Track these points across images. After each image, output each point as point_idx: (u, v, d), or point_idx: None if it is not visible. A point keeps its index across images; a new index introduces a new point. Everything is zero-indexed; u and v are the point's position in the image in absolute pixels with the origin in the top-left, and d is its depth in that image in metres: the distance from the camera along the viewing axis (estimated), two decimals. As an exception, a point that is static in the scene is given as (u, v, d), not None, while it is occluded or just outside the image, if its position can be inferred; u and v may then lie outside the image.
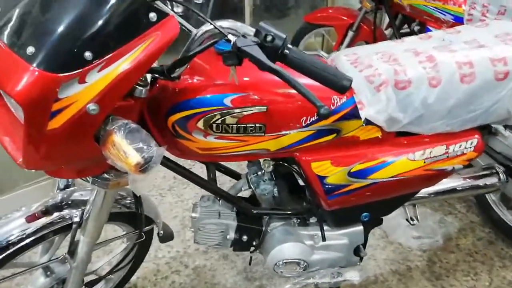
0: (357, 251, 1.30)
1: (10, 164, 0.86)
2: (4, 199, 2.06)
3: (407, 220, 1.58)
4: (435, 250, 1.89)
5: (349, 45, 2.51)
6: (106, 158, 0.79)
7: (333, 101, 1.00)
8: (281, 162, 1.15)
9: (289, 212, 1.23)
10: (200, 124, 0.95)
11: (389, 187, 1.12)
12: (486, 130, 1.14)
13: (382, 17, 2.83)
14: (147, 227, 1.36)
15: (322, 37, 3.16)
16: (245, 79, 0.97)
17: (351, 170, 1.08)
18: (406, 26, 2.48)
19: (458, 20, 1.88)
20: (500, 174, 1.62)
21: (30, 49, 0.70)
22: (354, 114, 1.02)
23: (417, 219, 1.57)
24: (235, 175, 1.32)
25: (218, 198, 1.25)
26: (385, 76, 1.00)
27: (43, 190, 2.09)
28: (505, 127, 1.11)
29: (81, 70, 0.71)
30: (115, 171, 0.98)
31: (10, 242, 1.07)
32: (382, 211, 1.26)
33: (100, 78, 0.73)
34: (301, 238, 1.24)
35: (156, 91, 0.94)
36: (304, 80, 0.80)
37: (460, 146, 1.10)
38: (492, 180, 1.61)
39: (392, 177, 1.10)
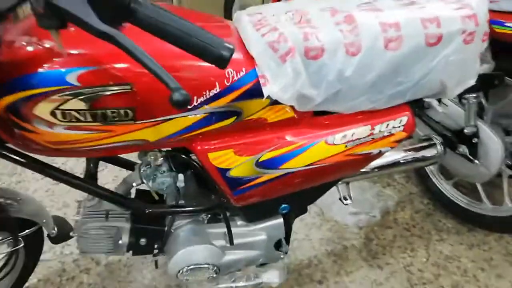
0: (278, 246, 1.13)
1: None
2: None
3: (340, 199, 1.43)
4: (372, 226, 1.79)
5: None
6: None
7: (227, 74, 0.78)
8: (176, 152, 0.93)
9: (193, 209, 1.02)
10: (39, 111, 0.70)
11: (307, 177, 0.94)
12: (417, 105, 0.97)
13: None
14: (27, 231, 1.12)
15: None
16: (98, 47, 0.71)
17: (259, 160, 0.88)
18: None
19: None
20: (438, 146, 1.49)
21: None
22: (257, 91, 0.81)
23: (350, 198, 1.43)
24: (129, 165, 1.09)
25: None
26: (292, 42, 0.78)
27: None
28: (439, 100, 0.94)
29: None
30: None
31: None
32: (303, 202, 1.09)
33: None
34: (210, 238, 1.05)
35: None
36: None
37: (387, 125, 0.92)
38: (430, 152, 1.49)
39: (309, 165, 0.91)
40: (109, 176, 1.92)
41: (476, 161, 1.49)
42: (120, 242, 1.03)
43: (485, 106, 1.51)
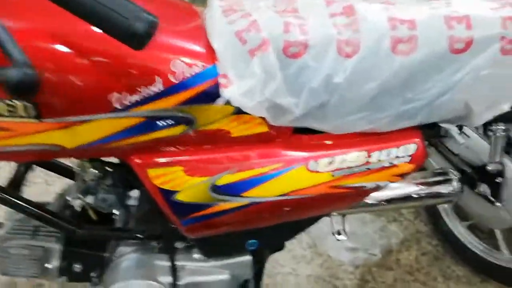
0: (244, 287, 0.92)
1: None
2: None
3: (333, 233, 1.22)
4: (370, 265, 1.57)
5: None
6: None
7: (176, 68, 0.58)
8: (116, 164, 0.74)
9: (141, 235, 0.83)
10: None
11: (280, 210, 0.74)
12: (431, 132, 0.75)
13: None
14: None
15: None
16: None
17: (216, 183, 0.68)
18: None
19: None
20: (454, 182, 1.27)
21: None
22: (216, 94, 0.61)
23: (345, 233, 1.22)
24: (68, 173, 0.90)
25: None
26: (266, 32, 0.58)
27: None
28: (460, 128, 0.72)
29: None
30: None
31: None
32: (277, 238, 0.88)
33: None
34: (155, 272, 0.84)
35: None
36: None
37: (389, 154, 0.71)
38: (445, 189, 1.26)
39: (282, 195, 0.71)
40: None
41: (498, 204, 1.28)
42: (48, 265, 0.84)
43: (515, 140, 1.29)
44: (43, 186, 1.67)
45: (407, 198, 1.19)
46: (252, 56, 0.59)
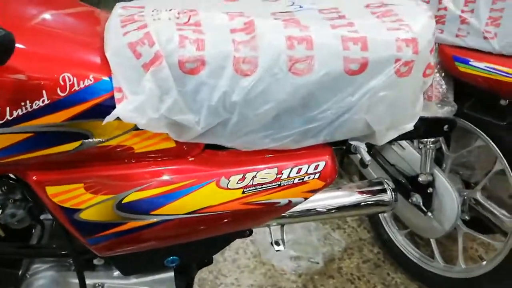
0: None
1: None
2: None
3: (271, 244, 1.22)
4: (312, 274, 1.57)
5: None
6: None
7: (63, 80, 0.56)
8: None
9: (48, 253, 0.79)
10: None
11: (192, 227, 0.72)
12: (342, 149, 0.76)
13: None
14: None
15: None
16: None
17: (122, 201, 0.66)
18: None
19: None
20: (388, 192, 1.29)
21: None
22: (112, 108, 0.59)
23: (283, 243, 1.22)
24: None
25: None
26: (161, 46, 0.57)
27: None
28: (370, 147, 0.73)
29: None
30: None
31: None
32: (200, 253, 0.87)
33: None
34: (72, 291, 0.81)
35: None
36: None
37: (299, 170, 0.71)
38: (379, 198, 1.28)
39: (192, 212, 0.69)
40: None
41: (429, 214, 1.31)
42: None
43: (445, 153, 1.33)
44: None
45: (343, 207, 1.20)
46: (146, 71, 0.57)
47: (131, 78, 0.58)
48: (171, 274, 0.86)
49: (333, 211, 1.21)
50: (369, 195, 1.26)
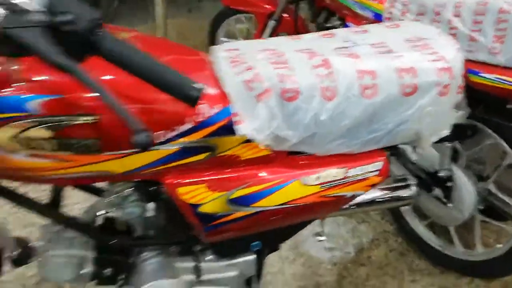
0: (249, 283, 1.10)
1: None
2: None
3: (314, 235, 1.43)
4: (346, 263, 1.77)
5: (271, 35, 2.30)
6: None
7: (200, 110, 0.77)
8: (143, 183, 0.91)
9: (160, 242, 1.00)
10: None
11: (280, 216, 0.93)
12: (392, 152, 0.98)
13: (309, 9, 2.64)
14: None
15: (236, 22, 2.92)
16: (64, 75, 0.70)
17: (232, 197, 0.87)
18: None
19: (378, 18, 1.73)
20: (412, 187, 1.50)
21: None
22: (231, 128, 0.80)
23: (324, 234, 1.43)
24: (94, 191, 1.06)
25: None
26: (269, 82, 0.79)
27: None
28: (414, 148, 0.95)
29: None
30: None
31: None
32: (275, 239, 1.08)
33: None
34: (179, 272, 1.02)
35: None
36: None
37: (362, 169, 0.93)
38: (405, 193, 1.49)
39: (281, 204, 0.90)
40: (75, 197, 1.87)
41: (450, 205, 1.51)
42: (83, 271, 1.00)
43: (460, 151, 1.53)
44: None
45: (373, 202, 1.41)
46: (258, 101, 0.79)
47: (246, 106, 0.79)
48: (253, 257, 1.07)
49: (366, 205, 1.42)
50: (395, 190, 1.48)
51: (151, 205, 0.98)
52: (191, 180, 0.85)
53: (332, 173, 0.91)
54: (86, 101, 0.70)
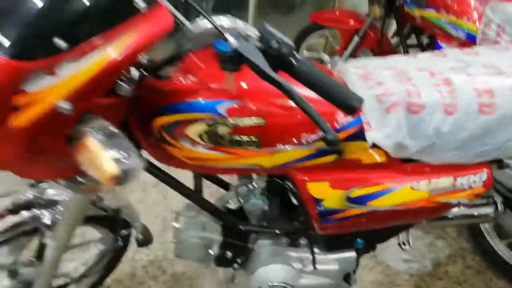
0: (347, 278, 1.22)
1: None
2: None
3: (398, 244, 1.51)
4: (423, 275, 1.83)
5: (353, 51, 2.43)
6: (78, 162, 0.70)
7: (337, 118, 0.91)
8: (274, 179, 1.06)
9: (278, 231, 1.14)
10: (189, 131, 0.86)
11: (390, 216, 1.04)
12: (496, 164, 1.06)
13: (388, 24, 2.74)
14: (124, 232, 1.27)
15: (325, 38, 3.07)
16: (243, 85, 0.87)
17: (350, 195, 1.00)
18: (413, 36, 2.41)
19: (471, 38, 1.80)
20: (498, 205, 1.54)
21: None
22: (359, 135, 0.93)
23: (409, 244, 1.50)
24: (224, 185, 1.23)
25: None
26: (397, 97, 0.92)
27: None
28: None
29: (49, 58, 0.61)
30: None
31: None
32: (378, 239, 1.19)
33: (74, 70, 0.63)
34: (289, 260, 1.15)
35: (143, 89, 0.83)
36: (305, 92, 0.71)
37: (469, 179, 1.02)
38: (489, 210, 1.54)
39: (393, 206, 1.02)
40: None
41: (535, 226, 1.53)
42: (211, 251, 1.16)
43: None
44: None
45: (456, 216, 1.47)
46: (388, 112, 0.92)
47: (376, 116, 0.92)
48: (354, 254, 1.19)
49: (451, 219, 1.48)
50: (480, 206, 1.53)
51: (272, 198, 1.13)
52: (318, 177, 0.98)
53: (442, 181, 1.02)
54: (258, 107, 0.86)
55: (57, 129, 0.68)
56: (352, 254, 1.18)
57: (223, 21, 0.74)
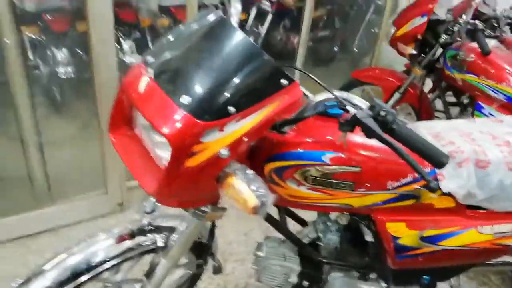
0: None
1: (63, 175, 0.94)
2: (56, 208, 2.16)
3: (450, 286, 1.62)
4: (468, 319, 1.91)
5: (394, 106, 2.64)
6: (221, 195, 0.90)
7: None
8: (355, 217, 1.24)
9: (351, 265, 1.30)
10: (297, 174, 1.05)
11: (456, 255, 1.19)
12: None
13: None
14: (207, 258, 1.44)
15: (364, 92, 3.30)
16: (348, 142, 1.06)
17: (424, 235, 1.16)
18: (450, 93, 2.62)
19: (510, 100, 1.99)
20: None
21: (186, 99, 0.82)
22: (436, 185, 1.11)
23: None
24: (301, 221, 1.41)
25: (283, 241, 1.33)
26: (467, 154, 1.10)
27: (93, 202, 2.18)
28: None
29: (223, 120, 0.83)
30: (213, 204, 1.08)
31: (98, 262, 1.12)
32: (442, 276, 1.33)
33: (236, 128, 0.85)
34: (360, 291, 1.30)
35: (261, 140, 1.04)
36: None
37: (527, 225, 1.18)
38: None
39: (461, 246, 1.17)
40: (230, 226, 2.24)
41: None
42: (289, 280, 1.32)
43: None
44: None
45: (504, 262, 1.59)
46: (460, 167, 1.10)
47: (449, 169, 1.10)
48: (418, 290, 1.33)
49: (497, 265, 1.60)
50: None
51: (345, 234, 1.30)
52: (397, 218, 1.15)
53: (504, 226, 1.17)
54: (356, 157, 1.06)
55: (213, 169, 0.88)
56: (415, 290, 1.32)
57: (339, 94, 0.95)
